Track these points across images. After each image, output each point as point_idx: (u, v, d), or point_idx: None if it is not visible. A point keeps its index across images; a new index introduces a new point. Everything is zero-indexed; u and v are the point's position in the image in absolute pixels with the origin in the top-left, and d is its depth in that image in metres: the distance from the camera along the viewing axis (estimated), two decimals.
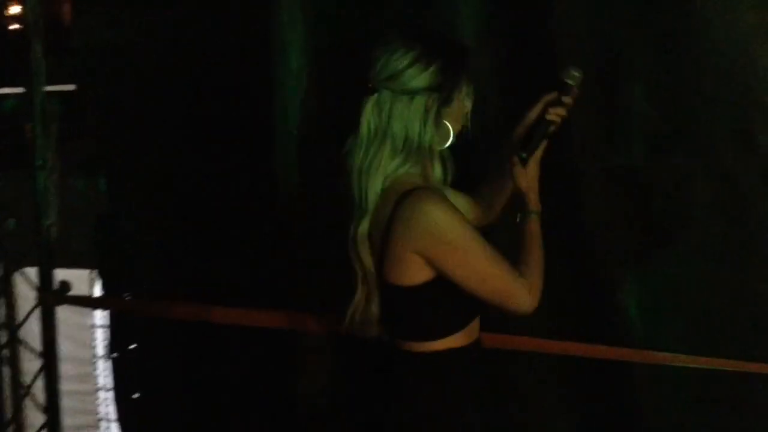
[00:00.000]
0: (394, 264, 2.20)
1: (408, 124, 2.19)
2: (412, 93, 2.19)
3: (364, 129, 2.21)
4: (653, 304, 2.82)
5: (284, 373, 3.34)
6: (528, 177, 2.27)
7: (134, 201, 3.64)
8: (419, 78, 2.19)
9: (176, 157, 3.46)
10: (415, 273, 2.19)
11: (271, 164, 3.27)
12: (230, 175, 3.35)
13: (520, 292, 2.19)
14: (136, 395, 3.71)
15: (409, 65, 2.19)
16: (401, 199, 2.17)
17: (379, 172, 2.21)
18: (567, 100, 2.32)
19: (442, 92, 2.20)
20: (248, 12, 3.19)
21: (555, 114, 2.30)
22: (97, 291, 4.14)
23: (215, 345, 3.43)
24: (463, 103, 2.27)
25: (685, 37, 2.76)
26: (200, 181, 3.43)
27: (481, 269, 2.17)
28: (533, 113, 2.35)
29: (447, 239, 2.16)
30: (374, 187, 2.21)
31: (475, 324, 2.28)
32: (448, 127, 2.23)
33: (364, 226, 2.22)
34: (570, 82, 2.32)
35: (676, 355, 2.77)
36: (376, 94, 2.21)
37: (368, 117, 2.21)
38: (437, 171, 2.23)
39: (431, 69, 2.19)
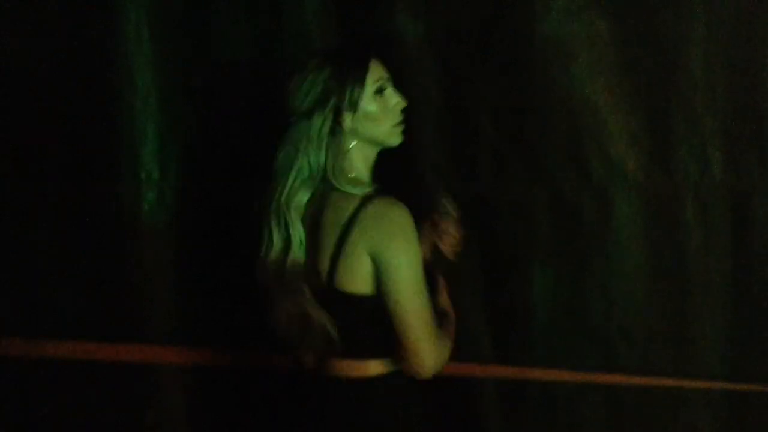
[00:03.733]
0: (348, 268, 2.13)
1: (305, 148, 2.15)
2: (308, 114, 2.14)
3: (276, 162, 2.18)
4: (500, 322, 3.04)
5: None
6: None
7: None
8: (311, 95, 2.14)
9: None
10: (366, 278, 2.13)
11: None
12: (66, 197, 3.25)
13: (429, 350, 2.12)
14: None
15: (300, 83, 2.15)
16: (362, 204, 2.13)
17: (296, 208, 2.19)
18: (452, 229, 2.46)
19: (338, 100, 2.15)
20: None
21: (449, 246, 2.46)
22: None
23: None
24: (387, 99, 2.22)
25: (526, 69, 2.95)
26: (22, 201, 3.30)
27: (411, 294, 2.11)
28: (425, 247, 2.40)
29: (400, 246, 2.10)
30: (296, 223, 2.17)
31: None
32: (368, 130, 2.21)
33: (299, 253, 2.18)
34: (450, 211, 2.48)
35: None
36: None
37: (280, 149, 2.19)
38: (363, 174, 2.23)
39: (320, 79, 2.14)
